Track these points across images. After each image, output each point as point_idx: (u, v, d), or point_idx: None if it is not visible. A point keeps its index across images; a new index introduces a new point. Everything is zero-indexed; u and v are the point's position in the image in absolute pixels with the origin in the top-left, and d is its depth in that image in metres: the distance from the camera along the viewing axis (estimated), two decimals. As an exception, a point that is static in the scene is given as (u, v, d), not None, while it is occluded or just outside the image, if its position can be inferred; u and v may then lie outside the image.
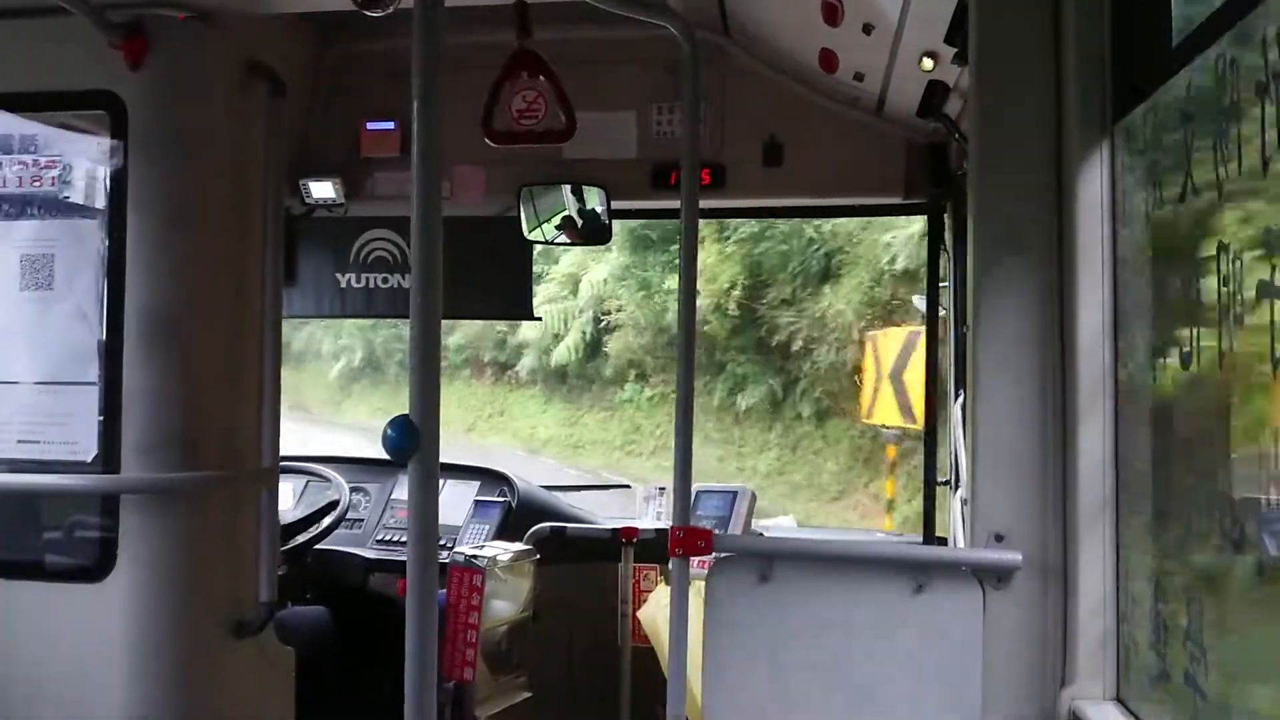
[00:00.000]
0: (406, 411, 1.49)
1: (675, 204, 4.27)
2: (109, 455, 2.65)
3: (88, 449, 2.67)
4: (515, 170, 3.90)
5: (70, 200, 2.74)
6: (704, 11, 3.68)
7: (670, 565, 2.46)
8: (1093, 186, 2.18)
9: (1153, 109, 1.92)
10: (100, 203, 2.73)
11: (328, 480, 4.23)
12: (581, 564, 4.00)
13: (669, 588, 3.38)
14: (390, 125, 4.00)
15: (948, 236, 3.82)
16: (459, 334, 21.36)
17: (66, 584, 2.71)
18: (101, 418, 2.66)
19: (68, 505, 2.79)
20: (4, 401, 2.71)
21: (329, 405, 25.40)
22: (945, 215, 3.82)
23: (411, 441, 1.47)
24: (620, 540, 3.76)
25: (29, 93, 2.74)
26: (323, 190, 4.12)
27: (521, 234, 4.04)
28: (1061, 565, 2.18)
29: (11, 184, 2.75)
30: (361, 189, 4.12)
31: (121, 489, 2.64)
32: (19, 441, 2.70)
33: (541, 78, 2.39)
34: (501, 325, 20.34)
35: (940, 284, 3.99)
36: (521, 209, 4.03)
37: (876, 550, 2.86)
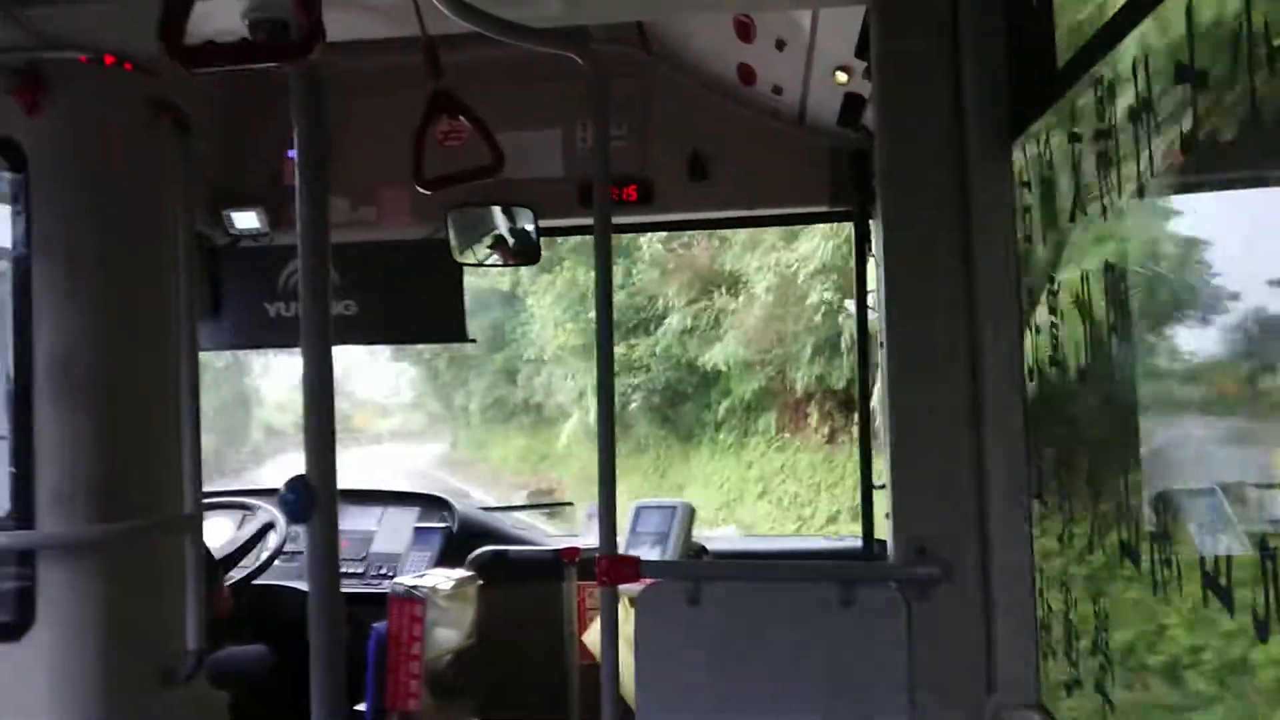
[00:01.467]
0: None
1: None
2: (22, 509, 2.58)
3: None
4: (442, 193, 3.88)
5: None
6: (623, 28, 3.68)
7: (599, 594, 2.46)
8: (995, 199, 2.22)
9: (1044, 127, 1.96)
10: (3, 250, 2.66)
11: (266, 514, 4.18)
12: (525, 586, 3.98)
13: None
14: None
15: (875, 242, 3.85)
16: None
17: None
18: (13, 470, 2.59)
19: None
20: (-91, 459, 2.64)
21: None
22: (871, 221, 3.86)
23: (309, 502, 1.45)
24: (563, 560, 3.75)
25: None
26: (246, 221, 4.06)
27: (451, 256, 4.01)
28: (982, 575, 2.21)
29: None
30: (286, 218, 4.06)
31: (37, 544, 2.58)
32: (-73, 499, 2.63)
33: (461, 117, 2.37)
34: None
35: (869, 289, 4.02)
36: (450, 231, 4.00)
37: (803, 567, 2.88)
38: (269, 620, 3.94)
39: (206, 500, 3.97)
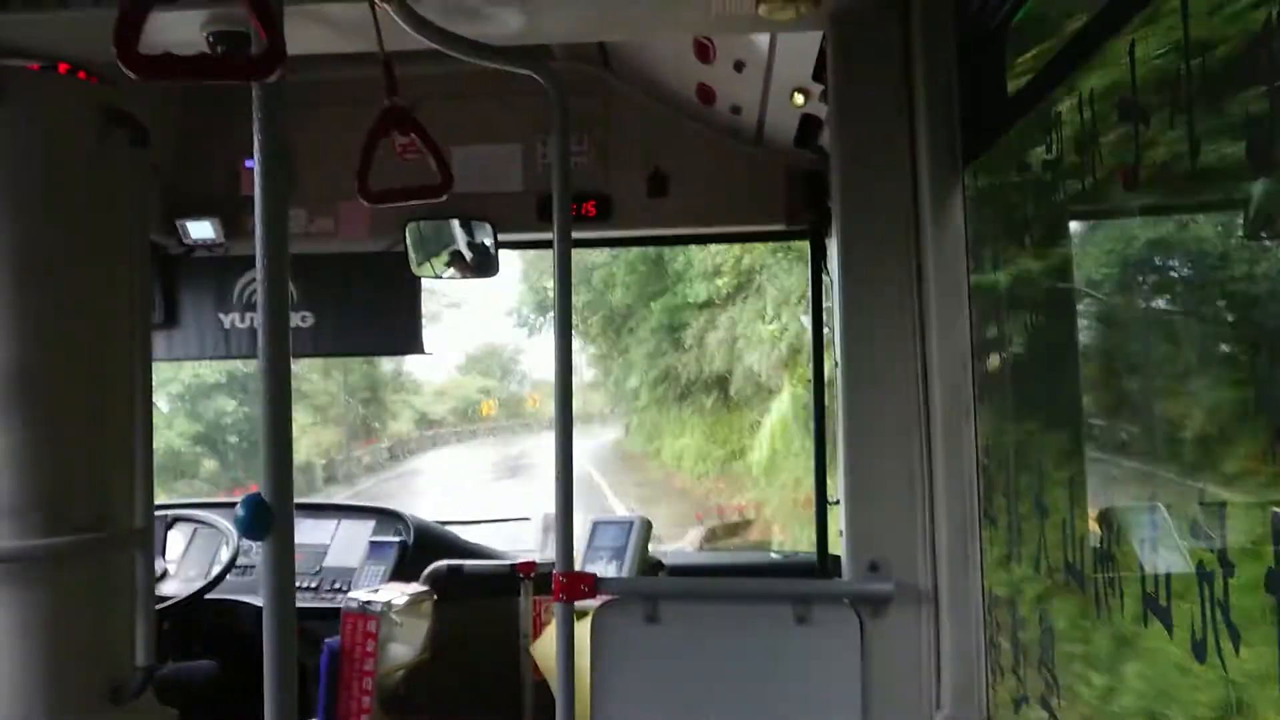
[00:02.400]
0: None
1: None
2: None
3: (-58, 518, 2.55)
4: (401, 206, 3.87)
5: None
6: (585, 46, 3.71)
7: (555, 610, 2.46)
8: (947, 221, 2.27)
9: (995, 153, 2.01)
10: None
11: (215, 528, 4.12)
12: (481, 600, 3.96)
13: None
14: None
15: (830, 260, 3.91)
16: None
17: None
18: None
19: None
20: None
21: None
22: (826, 240, 3.91)
23: (265, 520, 1.44)
24: (519, 575, 3.74)
25: None
26: (201, 230, 4.02)
27: (409, 269, 4.01)
28: (933, 592, 2.25)
29: None
30: (242, 228, 4.03)
31: None
32: None
33: (412, 134, 2.37)
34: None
35: (825, 305, 4.08)
36: (409, 244, 4.00)
37: (759, 585, 2.91)
38: (219, 634, 3.89)
39: (170, 511, 3.91)
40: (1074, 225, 1.63)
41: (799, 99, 3.16)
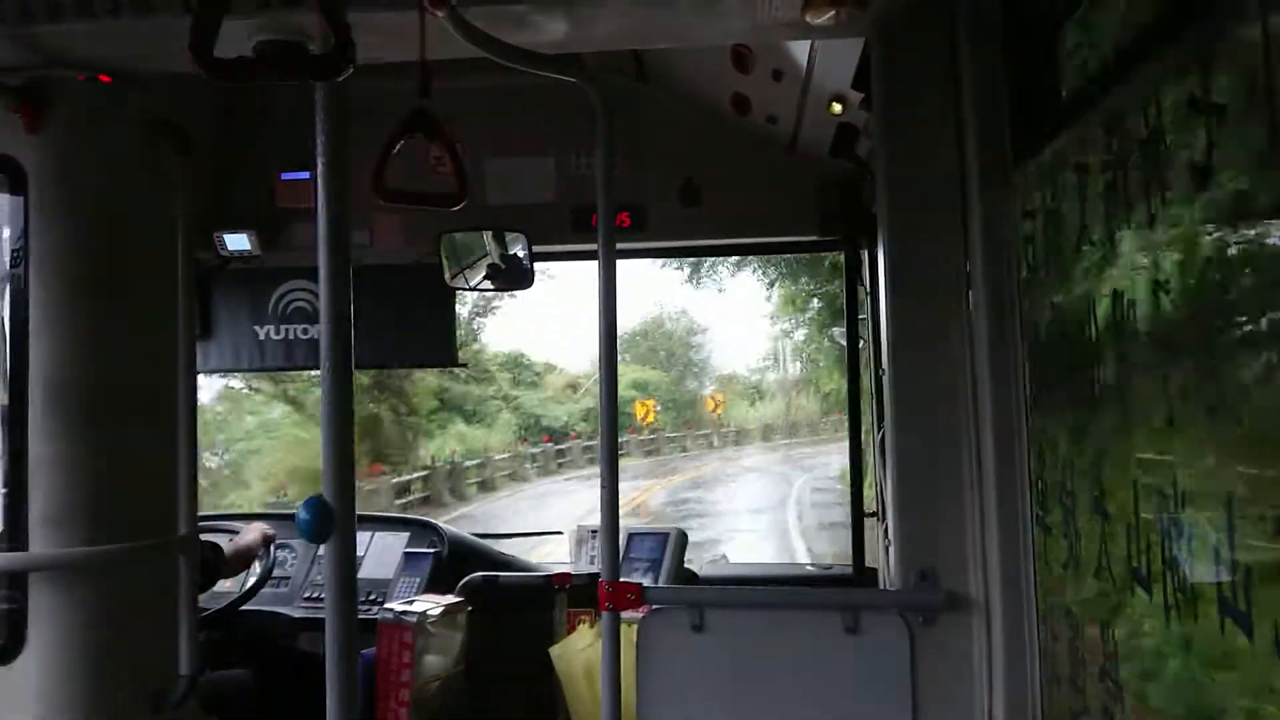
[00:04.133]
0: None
1: (595, 246, 4.30)
2: (14, 531, 2.54)
3: (-14, 527, 2.57)
4: (436, 217, 3.89)
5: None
6: (619, 56, 3.72)
7: (601, 619, 2.45)
8: (997, 228, 2.25)
9: (1049, 158, 1.99)
10: (1, 269, 2.64)
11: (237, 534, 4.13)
12: (515, 612, 3.95)
13: (589, 630, 3.36)
14: (305, 175, 3.95)
15: (865, 271, 3.89)
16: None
17: None
18: (5, 491, 2.56)
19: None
20: (-100, 479, 2.59)
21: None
22: (862, 250, 3.90)
23: (327, 522, 1.44)
24: (554, 586, 3.73)
25: None
26: (238, 243, 4.05)
27: (443, 280, 4.02)
28: (985, 601, 2.23)
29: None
30: (278, 240, 4.06)
31: (29, 566, 2.54)
32: (-84, 520, 2.58)
33: (436, 140, 2.38)
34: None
35: (859, 317, 4.07)
36: (442, 256, 4.01)
37: (807, 594, 2.89)
38: (252, 644, 3.89)
39: (201, 523, 3.92)
40: (1142, 226, 1.61)
41: (837, 108, 3.16)
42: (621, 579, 3.45)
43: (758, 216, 3.85)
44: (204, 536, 3.31)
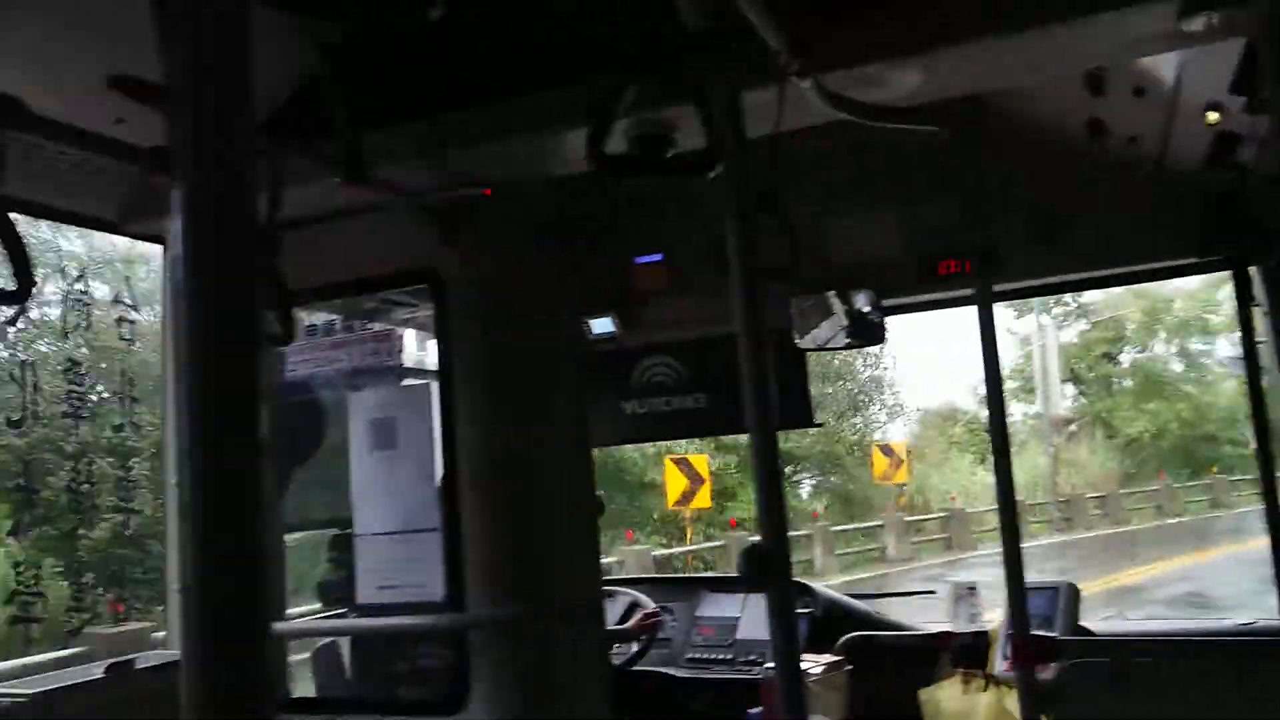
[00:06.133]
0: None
1: (943, 295, 4.21)
2: (455, 594, 2.88)
3: (435, 590, 2.92)
4: (778, 283, 3.99)
5: (405, 368, 3.10)
6: (958, 100, 3.67)
7: (1015, 677, 2.35)
8: None
9: None
10: (429, 367, 3.05)
11: (635, 601, 4.37)
12: (896, 672, 3.87)
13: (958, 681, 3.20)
14: (658, 258, 4.22)
15: (1259, 289, 3.52)
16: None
17: (427, 718, 2.94)
18: (445, 559, 2.91)
19: (422, 643, 3.05)
20: (367, 552, 3.03)
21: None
22: (1254, 267, 3.53)
23: (765, 569, 1.52)
24: (937, 647, 3.62)
25: (364, 278, 3.13)
26: (602, 325, 4.39)
27: (792, 343, 4.10)
28: None
29: (356, 359, 3.14)
30: (636, 320, 4.34)
31: (466, 624, 2.85)
32: (379, 588, 3.00)
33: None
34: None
35: (1258, 340, 3.66)
36: (789, 318, 4.10)
37: (1257, 645, 2.60)
38: (645, 705, 4.09)
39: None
40: None
41: (1213, 117, 2.92)
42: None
43: (1125, 245, 3.61)
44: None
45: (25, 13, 2.11)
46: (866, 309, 4.07)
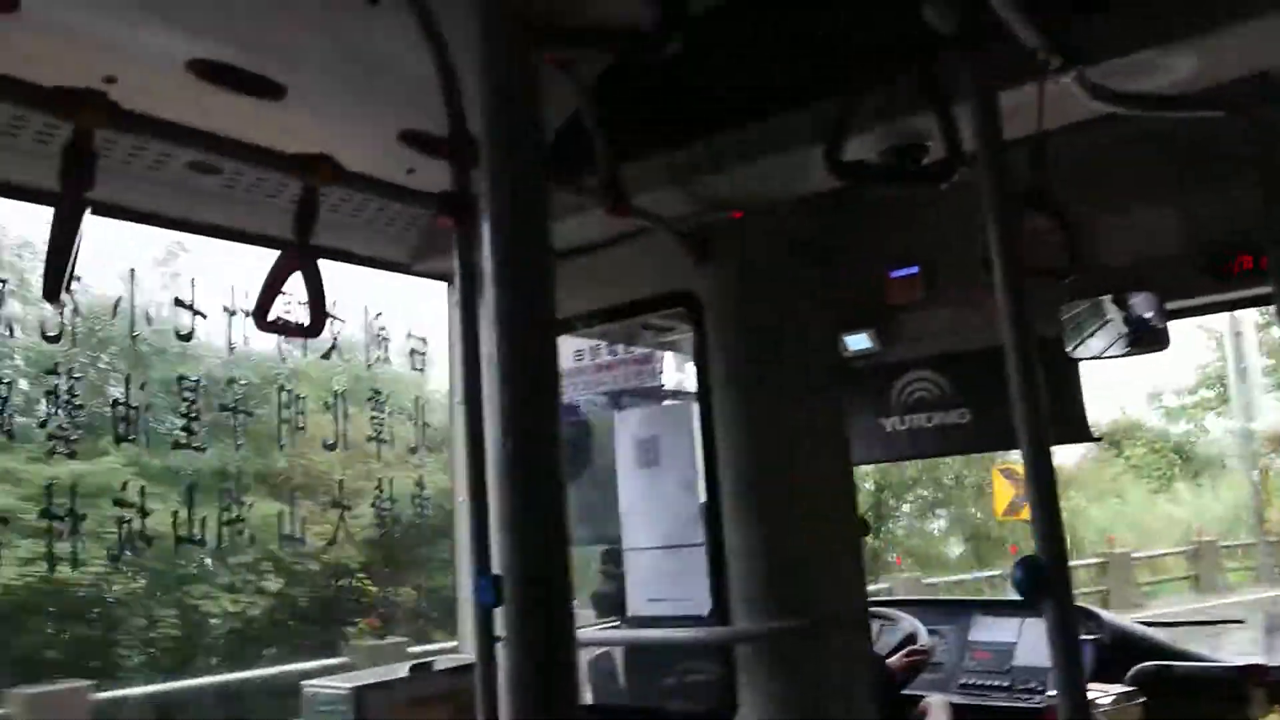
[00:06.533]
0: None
1: (1236, 295, 3.83)
2: (720, 608, 2.94)
3: (702, 604, 2.99)
4: (1048, 288, 3.79)
5: (666, 388, 3.23)
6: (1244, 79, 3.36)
7: None
8: None
9: None
10: (689, 386, 3.15)
11: (896, 622, 4.27)
12: (1197, 707, 3.54)
13: None
14: (914, 270, 4.13)
15: None
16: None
17: None
18: (711, 575, 2.98)
19: (691, 655, 3.14)
20: (636, 566, 3.16)
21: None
22: None
23: (1041, 583, 1.46)
24: (1247, 680, 3.29)
25: (627, 304, 3.28)
26: (859, 342, 4.33)
27: (1064, 353, 3.88)
28: None
29: (622, 381, 3.30)
30: (894, 335, 4.25)
31: (734, 639, 2.91)
32: (649, 600, 3.12)
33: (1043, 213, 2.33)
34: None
35: None
36: (1062, 327, 3.89)
37: None
38: None
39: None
40: None
41: None
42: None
43: None
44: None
45: (329, 79, 2.40)
46: (1148, 313, 3.78)
